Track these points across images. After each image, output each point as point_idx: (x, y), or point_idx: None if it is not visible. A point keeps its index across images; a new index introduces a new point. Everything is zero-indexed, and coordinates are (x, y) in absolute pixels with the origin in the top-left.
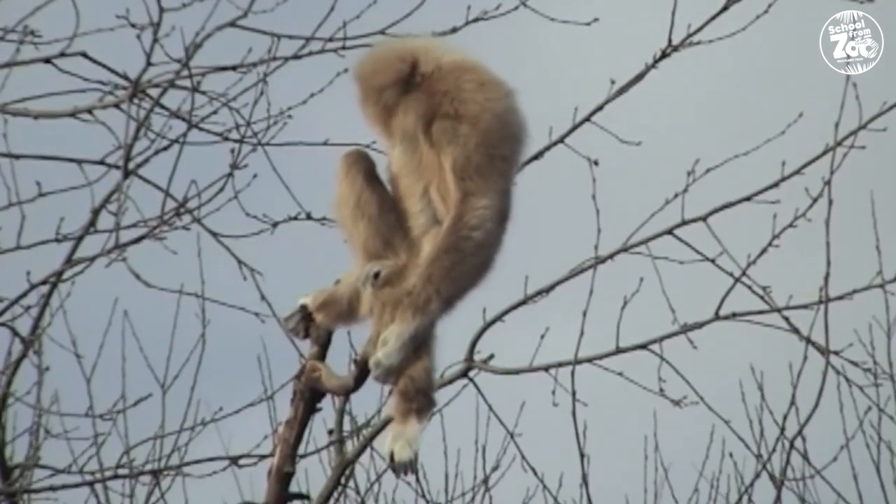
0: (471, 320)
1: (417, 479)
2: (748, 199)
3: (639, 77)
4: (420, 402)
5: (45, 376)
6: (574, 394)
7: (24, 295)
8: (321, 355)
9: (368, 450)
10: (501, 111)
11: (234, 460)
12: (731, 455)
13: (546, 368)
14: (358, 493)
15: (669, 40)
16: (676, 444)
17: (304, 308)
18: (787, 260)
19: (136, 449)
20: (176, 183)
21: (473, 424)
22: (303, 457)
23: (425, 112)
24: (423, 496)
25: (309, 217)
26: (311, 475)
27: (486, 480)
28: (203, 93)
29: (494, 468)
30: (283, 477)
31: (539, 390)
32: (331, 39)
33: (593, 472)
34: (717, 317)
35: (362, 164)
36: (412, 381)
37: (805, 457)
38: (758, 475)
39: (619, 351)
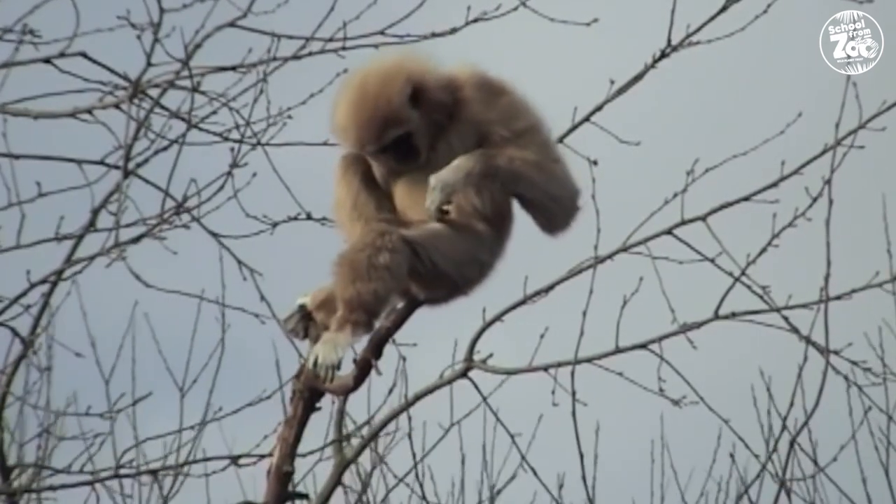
0: (470, 320)
1: (420, 484)
2: (747, 198)
3: (638, 77)
4: (359, 316)
5: (52, 377)
6: (574, 394)
7: (24, 294)
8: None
9: (379, 460)
10: (532, 106)
11: (235, 460)
12: (731, 456)
13: (546, 368)
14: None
15: (669, 40)
16: (682, 445)
17: (302, 308)
18: (786, 260)
19: (137, 449)
20: (176, 183)
21: (476, 426)
22: (303, 456)
23: (476, 140)
24: (425, 498)
25: (309, 217)
26: (313, 476)
27: (492, 488)
28: (203, 93)
29: (510, 479)
30: (282, 476)
31: (540, 390)
32: (331, 40)
33: (600, 473)
34: (716, 316)
35: (359, 167)
36: (359, 295)
37: (810, 456)
38: (758, 475)
39: (618, 351)
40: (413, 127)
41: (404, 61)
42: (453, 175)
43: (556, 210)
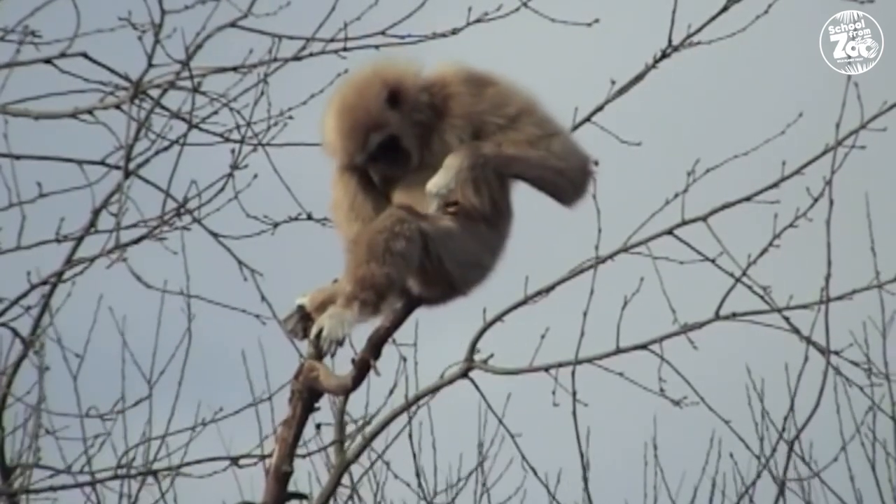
0: (471, 320)
1: (420, 483)
2: (748, 199)
3: (639, 77)
4: (369, 296)
5: (47, 377)
6: (574, 394)
7: (25, 295)
8: (319, 355)
9: (376, 457)
10: (521, 88)
11: (234, 460)
12: (731, 455)
13: (546, 369)
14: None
15: (669, 40)
16: (678, 445)
17: (301, 308)
18: (787, 260)
19: (137, 449)
20: (176, 183)
21: (476, 426)
22: (303, 457)
23: (472, 133)
24: (425, 498)
25: (309, 217)
26: (313, 476)
27: (485, 485)
28: (203, 93)
29: (500, 477)
30: (281, 476)
31: (540, 390)
32: (331, 40)
33: (594, 472)
34: (717, 317)
35: (356, 169)
36: (373, 275)
37: (803, 458)
38: (758, 476)
39: (619, 351)
40: (395, 129)
41: (380, 68)
42: (444, 176)
43: (561, 183)
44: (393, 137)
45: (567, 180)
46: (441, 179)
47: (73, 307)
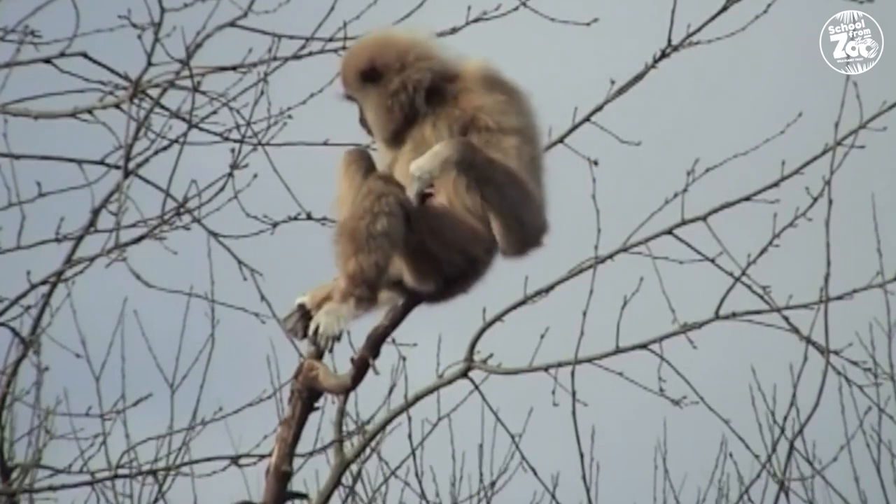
0: (470, 320)
1: (420, 483)
2: (748, 198)
3: (638, 77)
4: (363, 291)
5: (45, 376)
6: (574, 394)
7: (25, 295)
8: (319, 354)
9: (375, 456)
10: (536, 121)
11: (235, 460)
12: (731, 455)
13: (546, 368)
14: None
15: (669, 40)
16: (678, 445)
17: (301, 307)
18: (787, 260)
19: (138, 449)
20: (176, 183)
21: (475, 426)
22: (303, 456)
23: (461, 126)
24: (425, 498)
25: (309, 217)
26: (312, 475)
27: (492, 484)
28: (203, 93)
29: (502, 472)
30: (281, 476)
31: (540, 390)
32: (331, 39)
33: (600, 475)
34: (716, 317)
35: (362, 163)
36: (362, 270)
37: (806, 458)
38: (758, 475)
39: (618, 351)
40: (361, 101)
41: (382, 37)
42: (430, 162)
43: (517, 232)
44: (359, 107)
45: (522, 233)
46: (426, 164)
47: (74, 307)
